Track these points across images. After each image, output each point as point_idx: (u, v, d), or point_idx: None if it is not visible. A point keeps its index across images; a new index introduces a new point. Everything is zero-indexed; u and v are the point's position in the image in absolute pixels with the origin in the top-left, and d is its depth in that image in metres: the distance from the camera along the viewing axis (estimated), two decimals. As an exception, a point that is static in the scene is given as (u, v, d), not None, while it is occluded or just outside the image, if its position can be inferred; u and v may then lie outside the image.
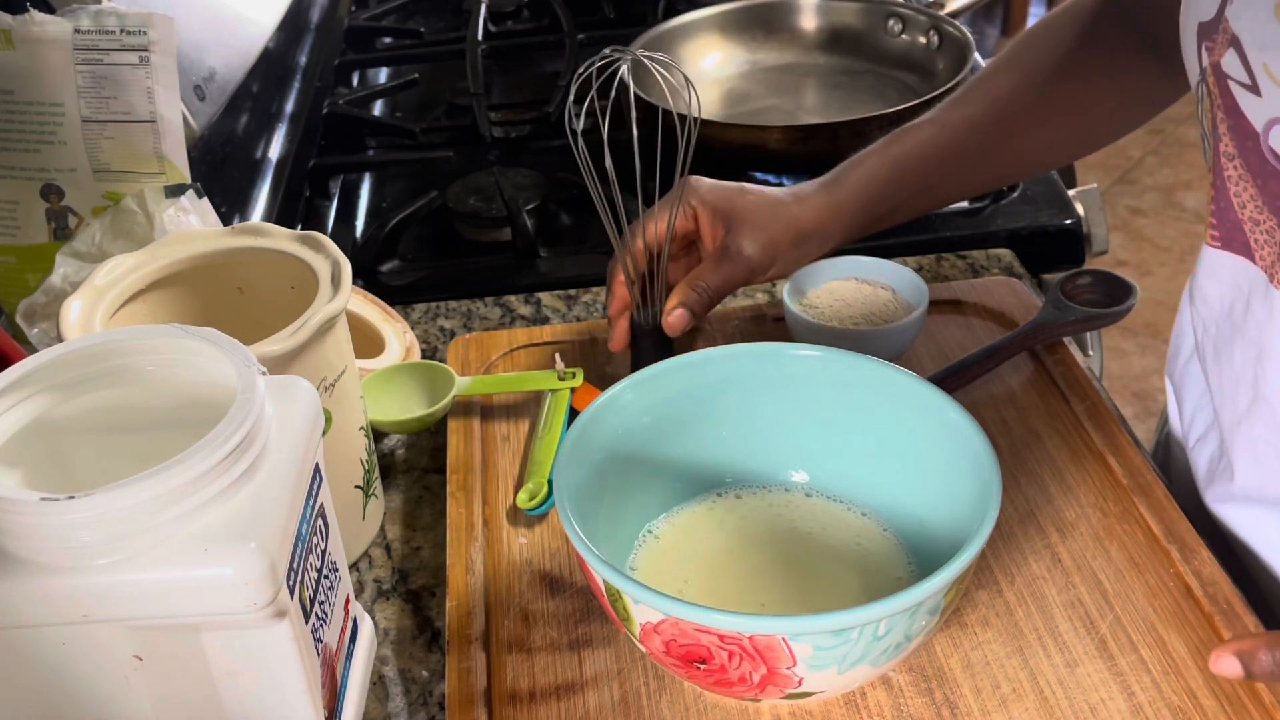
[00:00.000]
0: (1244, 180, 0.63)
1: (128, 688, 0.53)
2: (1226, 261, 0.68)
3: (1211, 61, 0.63)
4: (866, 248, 0.88)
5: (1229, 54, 0.62)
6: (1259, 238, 0.64)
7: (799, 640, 0.53)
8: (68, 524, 0.48)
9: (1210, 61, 0.63)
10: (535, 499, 0.73)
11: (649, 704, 0.62)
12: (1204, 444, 0.77)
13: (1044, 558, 0.68)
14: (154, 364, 0.57)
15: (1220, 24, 0.62)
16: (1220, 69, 0.63)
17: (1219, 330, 0.71)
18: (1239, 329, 0.68)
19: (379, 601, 0.72)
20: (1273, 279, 0.64)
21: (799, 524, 0.68)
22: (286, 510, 0.53)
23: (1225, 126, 0.64)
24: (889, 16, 1.20)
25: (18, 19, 0.79)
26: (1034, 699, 0.60)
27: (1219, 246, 0.67)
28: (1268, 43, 0.59)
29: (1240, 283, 0.67)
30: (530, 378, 0.82)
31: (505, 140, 1.21)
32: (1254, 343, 0.67)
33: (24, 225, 0.83)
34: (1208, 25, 0.63)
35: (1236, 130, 0.63)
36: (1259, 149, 0.61)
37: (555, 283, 1.00)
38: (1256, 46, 0.60)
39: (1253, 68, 0.60)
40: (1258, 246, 0.65)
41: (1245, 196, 0.64)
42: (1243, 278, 0.67)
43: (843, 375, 0.68)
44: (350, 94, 1.33)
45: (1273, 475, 0.69)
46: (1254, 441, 0.69)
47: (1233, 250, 0.67)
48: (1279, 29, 0.59)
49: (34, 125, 0.82)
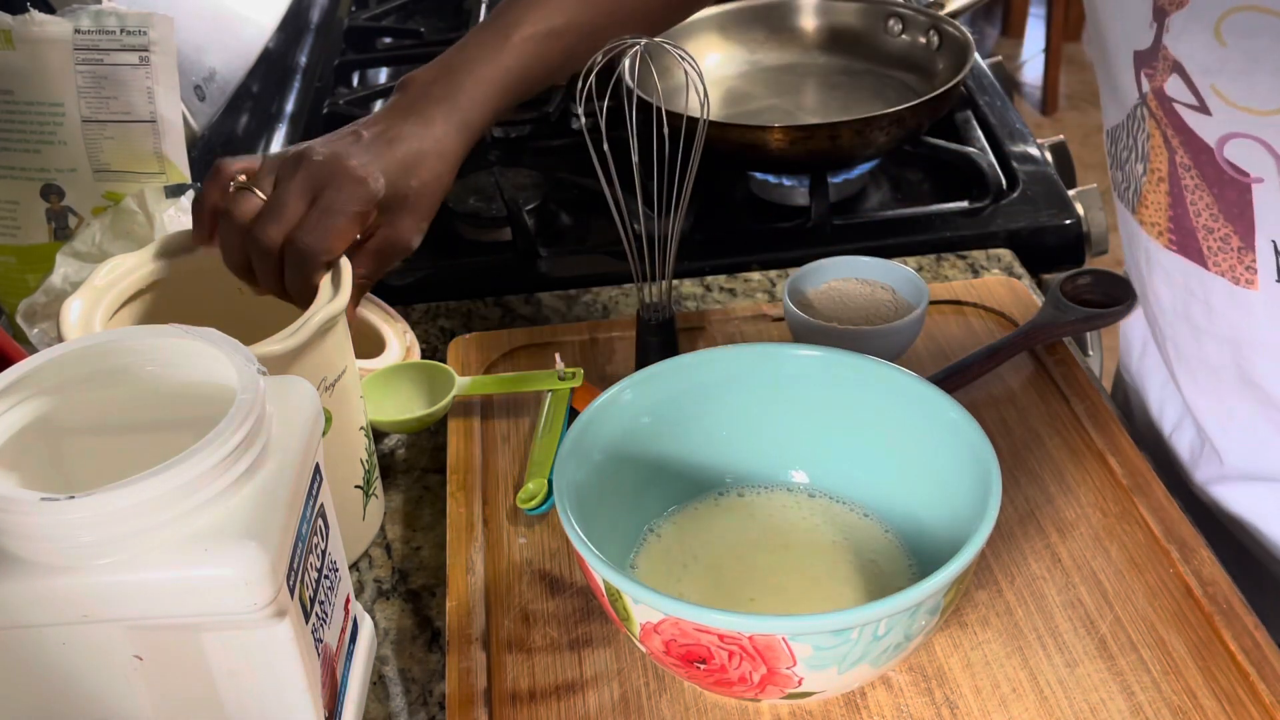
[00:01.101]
0: (1200, 189, 0.66)
1: (128, 688, 0.53)
2: (1180, 266, 0.70)
3: (1154, 88, 0.65)
4: (866, 248, 0.88)
5: (1172, 79, 0.64)
6: (1212, 245, 0.67)
7: (799, 640, 0.53)
8: (68, 524, 0.48)
9: (1152, 88, 0.65)
10: (535, 499, 0.73)
11: (649, 704, 0.62)
12: (1180, 432, 0.80)
13: (1044, 558, 0.68)
14: (154, 364, 0.57)
15: (1159, 51, 0.64)
16: (1164, 94, 0.65)
17: (1176, 331, 0.74)
18: (1204, 330, 0.71)
19: (379, 601, 0.72)
20: (1237, 281, 0.66)
21: (799, 524, 0.68)
22: (286, 510, 0.53)
23: (1178, 141, 0.66)
24: (889, 16, 1.20)
25: (18, 19, 0.79)
26: (1034, 699, 0.60)
27: (1175, 250, 0.70)
28: (1211, 66, 0.61)
29: (1194, 287, 0.70)
30: (530, 378, 0.82)
31: (505, 140, 1.21)
32: (1228, 340, 0.70)
33: (24, 225, 0.83)
34: (1145, 53, 0.65)
35: (1189, 145, 0.65)
36: (1214, 161, 0.64)
37: (555, 283, 1.00)
38: (1201, 71, 0.62)
39: (1200, 90, 0.63)
40: (1211, 254, 0.67)
41: (1201, 205, 0.66)
42: (1195, 283, 0.70)
43: (843, 375, 0.68)
44: (350, 94, 1.33)
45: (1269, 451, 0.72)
46: (1245, 425, 0.72)
47: (1188, 256, 0.69)
48: (1222, 52, 0.61)
49: (34, 125, 0.82)
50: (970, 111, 1.18)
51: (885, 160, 1.11)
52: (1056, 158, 1.16)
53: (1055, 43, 3.36)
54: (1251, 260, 0.65)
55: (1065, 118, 3.34)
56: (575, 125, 1.21)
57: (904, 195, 1.10)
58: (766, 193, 1.09)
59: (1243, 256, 0.65)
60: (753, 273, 0.99)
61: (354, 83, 1.40)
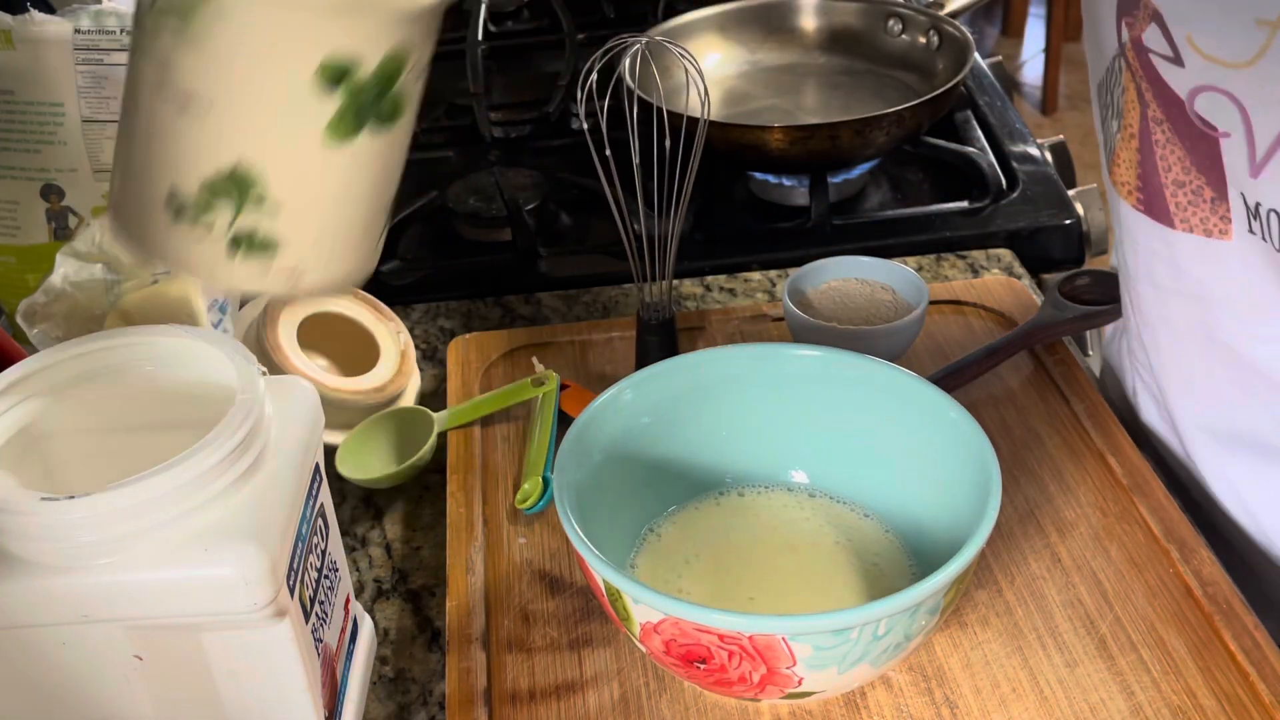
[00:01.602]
0: (1172, 144, 0.66)
1: (128, 688, 0.53)
2: (1145, 226, 0.71)
3: (1132, 37, 0.66)
4: (866, 248, 0.88)
5: (1150, 28, 0.64)
6: (1181, 200, 0.68)
7: (799, 640, 0.53)
8: (68, 524, 0.48)
9: (1131, 37, 0.66)
10: (530, 499, 0.73)
11: (649, 704, 0.62)
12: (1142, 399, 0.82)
13: (1044, 558, 0.68)
14: (154, 364, 0.57)
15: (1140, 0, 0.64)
16: (1141, 43, 0.65)
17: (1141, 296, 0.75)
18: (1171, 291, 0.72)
19: (379, 601, 0.72)
20: (1209, 233, 0.67)
21: (799, 524, 0.68)
22: (287, 510, 0.53)
23: (1151, 94, 0.66)
24: (889, 16, 1.20)
25: (18, 19, 0.79)
26: (1034, 699, 0.60)
27: (1142, 210, 0.71)
28: (1188, 15, 0.62)
29: (1158, 249, 0.71)
30: (506, 393, 0.81)
31: (505, 140, 1.21)
32: (1196, 299, 0.71)
33: (24, 225, 0.83)
34: (1128, 2, 0.66)
35: (1161, 98, 0.65)
36: (1185, 114, 0.64)
37: (555, 283, 1.00)
38: (1178, 19, 0.62)
39: (1175, 40, 0.63)
40: (1179, 210, 0.68)
41: (1172, 159, 0.67)
42: (1160, 244, 0.71)
43: (843, 375, 0.68)
44: (350, 94, 1.33)
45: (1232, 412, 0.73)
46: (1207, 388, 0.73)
47: (1154, 216, 0.70)
48: (1200, 2, 0.61)
49: (34, 125, 0.82)
50: (970, 111, 1.18)
51: (885, 160, 1.11)
52: (1056, 158, 1.16)
53: (1055, 43, 3.36)
54: (1225, 210, 0.66)
55: (1065, 118, 3.34)
56: (575, 125, 1.22)
57: (904, 195, 1.10)
58: (766, 193, 1.09)
59: (1216, 207, 0.66)
60: (753, 273, 0.99)
61: (354, 83, 1.40)
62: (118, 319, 0.69)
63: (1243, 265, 0.67)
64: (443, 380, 0.89)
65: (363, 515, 0.78)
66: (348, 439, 0.80)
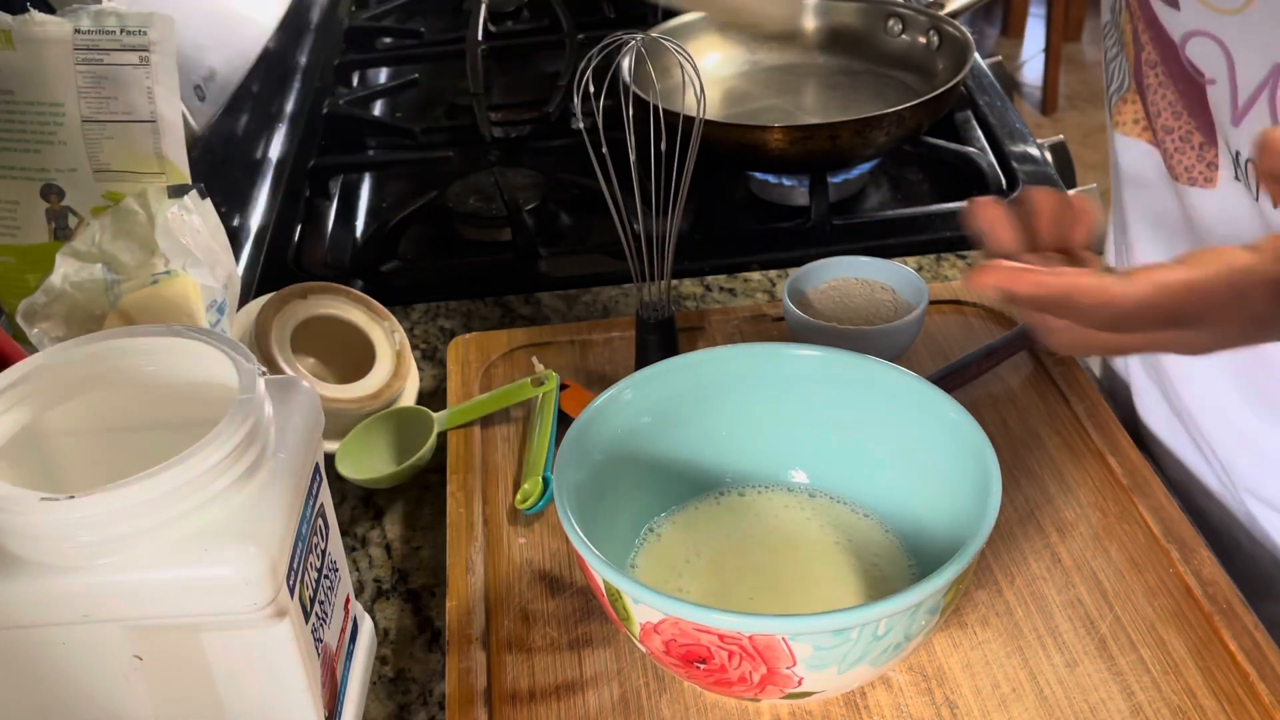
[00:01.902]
0: (1164, 87, 0.67)
1: (128, 688, 0.53)
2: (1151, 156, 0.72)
3: None
4: (866, 248, 0.88)
5: None
6: (1169, 147, 0.68)
7: (799, 640, 0.53)
8: (68, 523, 0.48)
9: None
10: (530, 499, 0.73)
11: (649, 704, 0.62)
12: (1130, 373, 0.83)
13: (1044, 558, 0.68)
14: (154, 364, 0.57)
15: None
16: None
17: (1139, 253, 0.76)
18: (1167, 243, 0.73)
19: (379, 601, 0.72)
20: (1194, 181, 0.67)
21: (799, 524, 0.68)
22: (286, 510, 0.53)
23: (1147, 37, 0.66)
24: (889, 16, 1.20)
25: (18, 19, 0.79)
26: (1034, 699, 0.60)
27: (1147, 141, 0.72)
28: None
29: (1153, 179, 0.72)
30: (506, 393, 0.81)
31: (505, 140, 1.21)
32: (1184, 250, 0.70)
33: (24, 225, 0.83)
34: None
35: (1157, 40, 0.66)
36: (1177, 58, 0.64)
37: (555, 283, 1.00)
38: None
39: None
40: (1168, 156, 0.68)
41: (1163, 104, 0.67)
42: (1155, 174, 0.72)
43: (843, 375, 0.68)
44: (350, 94, 1.33)
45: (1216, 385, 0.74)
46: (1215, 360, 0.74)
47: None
48: None
49: (34, 125, 0.82)
50: (970, 111, 1.18)
51: (885, 160, 1.11)
52: (1056, 158, 1.16)
53: (1055, 43, 3.36)
54: (1213, 157, 0.65)
55: (1065, 118, 3.34)
56: (575, 125, 1.21)
57: (904, 195, 1.10)
58: (766, 193, 1.09)
59: (1204, 153, 0.66)
60: (753, 273, 0.99)
61: (354, 83, 1.40)
62: (118, 319, 0.69)
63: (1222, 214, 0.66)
64: (442, 380, 0.89)
65: (363, 515, 0.78)
66: (348, 439, 0.80)
